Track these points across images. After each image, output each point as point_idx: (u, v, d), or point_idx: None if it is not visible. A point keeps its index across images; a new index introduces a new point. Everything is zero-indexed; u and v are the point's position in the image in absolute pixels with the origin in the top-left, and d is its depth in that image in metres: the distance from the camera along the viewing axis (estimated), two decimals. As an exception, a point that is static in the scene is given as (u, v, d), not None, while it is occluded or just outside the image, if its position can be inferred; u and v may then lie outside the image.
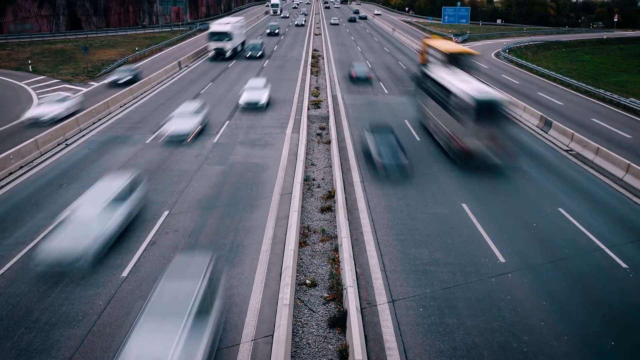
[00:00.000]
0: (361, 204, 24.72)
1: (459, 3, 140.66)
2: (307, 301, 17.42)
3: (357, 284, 18.01)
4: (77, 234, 18.33)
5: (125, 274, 18.50)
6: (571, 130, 35.53)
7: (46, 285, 17.72)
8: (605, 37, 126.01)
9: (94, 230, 18.68)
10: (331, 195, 25.48)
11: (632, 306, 17.42)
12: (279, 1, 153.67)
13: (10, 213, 23.31)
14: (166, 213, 23.27)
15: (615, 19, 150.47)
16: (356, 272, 18.84)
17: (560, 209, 24.62)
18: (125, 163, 29.51)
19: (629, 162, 28.96)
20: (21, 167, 28.88)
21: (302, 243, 21.06)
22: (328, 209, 24.12)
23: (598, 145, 32.19)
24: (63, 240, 18.04)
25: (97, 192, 20.83)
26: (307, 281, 18.39)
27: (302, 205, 24.27)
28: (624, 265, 19.84)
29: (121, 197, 20.99)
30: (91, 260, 18.10)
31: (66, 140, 33.85)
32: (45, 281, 17.91)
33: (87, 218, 19.04)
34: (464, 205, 24.61)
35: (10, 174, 27.92)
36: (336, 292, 17.60)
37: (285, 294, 16.02)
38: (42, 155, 31.01)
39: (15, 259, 19.34)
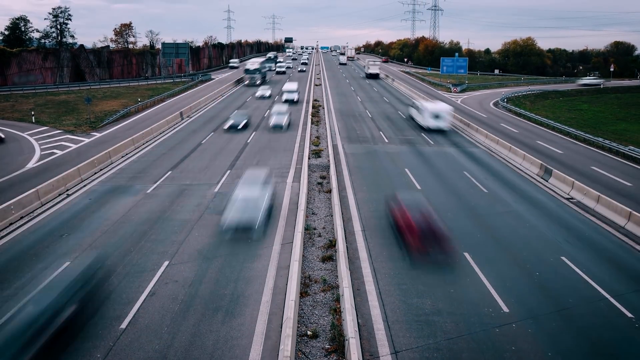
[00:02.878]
0: (362, 253, 24.58)
1: (457, 54, 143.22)
2: (309, 353, 17.14)
3: (359, 334, 17.75)
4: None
5: (124, 325, 18.24)
6: (571, 179, 35.63)
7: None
8: (602, 86, 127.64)
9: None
10: (332, 244, 25.36)
11: (639, 357, 17.12)
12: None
13: (10, 263, 23.15)
14: (166, 263, 23.11)
15: (612, 69, 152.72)
16: (358, 322, 18.59)
17: (563, 258, 24.47)
18: (125, 213, 29.48)
19: (630, 210, 28.95)
20: (22, 218, 28.84)
21: (303, 293, 20.85)
22: (329, 258, 23.98)
23: (599, 194, 32.24)
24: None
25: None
26: (309, 332, 18.13)
27: (303, 255, 24.13)
28: (630, 315, 19.59)
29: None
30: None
31: (67, 190, 33.91)
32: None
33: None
34: (466, 254, 24.46)
35: (11, 224, 27.86)
36: (338, 344, 17.32)
37: (286, 346, 15.77)
38: (43, 205, 31.00)
39: (13, 311, 19.06)
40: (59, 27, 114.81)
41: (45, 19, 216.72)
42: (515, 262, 23.99)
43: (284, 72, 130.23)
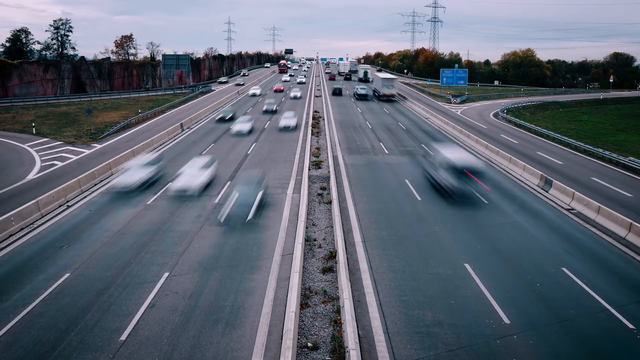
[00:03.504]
0: (363, 265, 24.53)
1: (456, 65, 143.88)
2: (309, 365, 17.06)
3: (360, 346, 17.66)
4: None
5: (123, 337, 18.16)
6: (572, 189, 35.63)
7: (42, 349, 17.39)
8: (601, 97, 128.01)
9: None
10: (332, 255, 25.30)
11: (641, 368, 17.05)
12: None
13: (10, 275, 23.09)
14: (166, 275, 23.06)
15: (611, 80, 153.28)
16: (358, 334, 18.51)
17: (564, 269, 24.42)
18: (126, 224, 29.46)
19: (631, 221, 28.93)
20: (22, 229, 28.81)
21: (303, 305, 20.79)
22: (329, 270, 23.92)
23: (599, 204, 32.22)
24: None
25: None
26: (309, 344, 18.05)
27: (303, 266, 24.08)
28: (631, 326, 19.52)
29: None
30: None
31: (67, 201, 33.90)
32: (42, 345, 17.59)
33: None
34: (467, 265, 24.41)
35: (11, 235, 27.83)
36: (338, 356, 17.23)
37: (287, 358, 15.69)
38: (43, 216, 30.99)
39: (12, 323, 19.05)
40: (60, 39, 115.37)
41: (46, 30, 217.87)
42: (516, 273, 23.94)
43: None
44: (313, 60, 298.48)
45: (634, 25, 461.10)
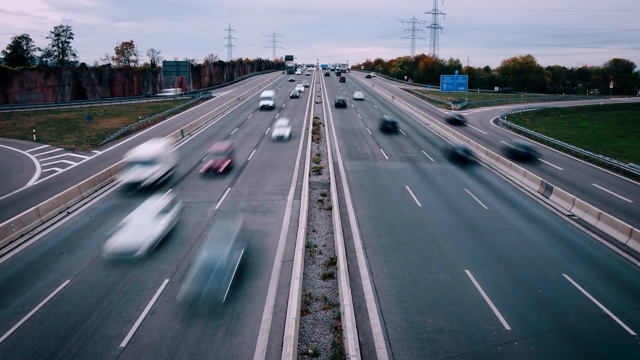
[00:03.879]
0: (363, 271, 24.50)
1: (456, 71, 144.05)
2: (310, 372, 17.01)
3: (361, 353, 17.63)
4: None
5: (123, 344, 18.13)
6: (572, 195, 35.61)
7: (42, 356, 17.37)
8: (602, 103, 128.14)
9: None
10: (333, 262, 25.28)
11: (643, 375, 17.00)
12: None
13: (10, 282, 23.08)
14: (166, 281, 23.03)
15: (611, 86, 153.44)
16: (359, 341, 18.47)
17: (565, 275, 24.39)
18: (126, 230, 29.41)
19: (631, 227, 28.90)
20: (22, 235, 28.80)
21: (304, 311, 20.76)
22: (330, 276, 23.89)
23: (600, 210, 32.20)
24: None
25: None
26: (310, 350, 18.01)
27: (303, 272, 24.06)
28: (632, 333, 19.48)
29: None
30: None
31: (68, 208, 33.90)
32: (42, 352, 17.56)
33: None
34: (467, 272, 24.38)
35: (11, 242, 27.82)
36: (339, 362, 17.20)
37: (287, 365, 15.66)
38: (43, 223, 30.98)
39: (12, 329, 19.03)
40: (60, 45, 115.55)
41: (47, 37, 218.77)
42: (517, 279, 23.91)
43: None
44: (314, 66, 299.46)
45: (634, 31, 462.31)
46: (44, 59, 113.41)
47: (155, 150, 38.87)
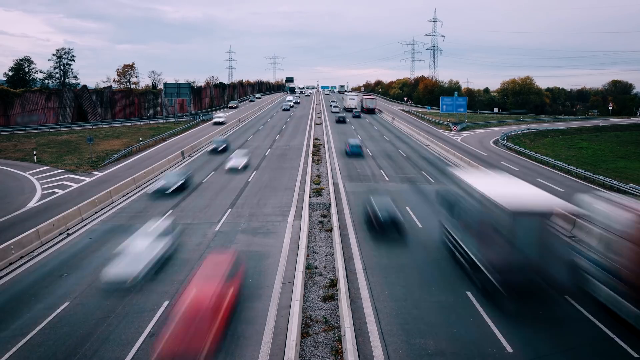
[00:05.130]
0: (364, 293, 24.38)
1: (456, 93, 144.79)
2: (310, 395, 16.84)
3: (362, 376, 17.47)
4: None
5: (122, 367, 17.99)
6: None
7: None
8: (601, 124, 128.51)
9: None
10: (333, 283, 25.18)
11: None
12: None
13: (9, 304, 22.98)
14: (166, 303, 22.91)
15: (610, 107, 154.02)
16: (360, 363, 18.32)
17: (567, 297, 24.23)
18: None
19: (632, 247, 28.71)
20: (21, 257, 28.73)
21: (304, 333, 20.62)
22: (330, 298, 23.77)
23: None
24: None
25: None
26: (310, 374, 17.85)
27: (304, 294, 23.94)
28: (635, 355, 19.31)
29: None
30: None
31: (68, 229, 33.85)
32: (40, 375, 17.42)
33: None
34: (469, 293, 24.25)
35: (11, 264, 27.75)
36: (340, 385, 17.05)
37: (288, 388, 15.51)
38: (43, 245, 30.92)
39: (10, 352, 18.89)
40: (62, 67, 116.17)
41: (49, 60, 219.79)
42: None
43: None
44: (314, 88, 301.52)
45: (633, 53, 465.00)
46: (46, 81, 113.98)
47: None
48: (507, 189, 26.27)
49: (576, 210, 26.15)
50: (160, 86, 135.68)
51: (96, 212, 38.02)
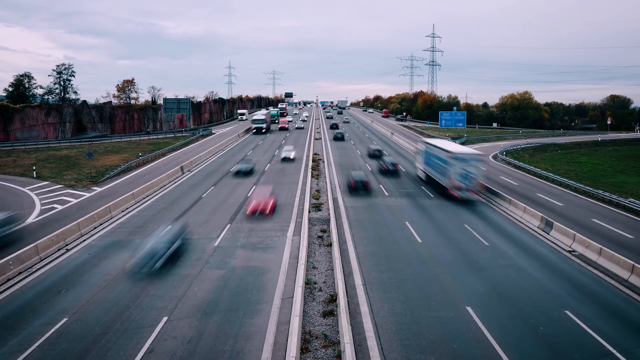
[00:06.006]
0: (364, 308, 24.28)
1: (455, 108, 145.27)
2: (310, 412, 16.72)
3: (362, 392, 17.36)
4: None
5: (121, 383, 17.87)
6: (573, 231, 35.53)
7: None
8: (600, 139, 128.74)
9: None
10: (333, 299, 25.08)
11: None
12: None
13: (7, 320, 22.85)
14: (165, 319, 22.81)
15: (609, 122, 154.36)
16: (360, 379, 18.21)
17: (567, 312, 24.17)
18: (125, 268, 29.22)
19: (633, 262, 28.75)
20: (20, 273, 28.62)
21: (303, 349, 20.51)
22: (330, 313, 23.67)
23: (601, 246, 32.09)
24: None
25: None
26: (310, 390, 17.74)
27: (303, 310, 23.85)
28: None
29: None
30: None
31: (67, 245, 33.78)
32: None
33: None
34: (469, 309, 24.16)
35: (9, 279, 27.64)
36: (340, 402, 16.93)
37: (287, 405, 15.41)
38: (42, 260, 30.82)
39: (8, 369, 18.78)
40: (62, 83, 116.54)
41: (49, 75, 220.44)
42: (519, 316, 23.68)
43: None
44: (313, 103, 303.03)
45: (631, 67, 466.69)
46: (46, 97, 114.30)
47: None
48: None
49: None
50: (160, 101, 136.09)
51: (95, 228, 37.95)
